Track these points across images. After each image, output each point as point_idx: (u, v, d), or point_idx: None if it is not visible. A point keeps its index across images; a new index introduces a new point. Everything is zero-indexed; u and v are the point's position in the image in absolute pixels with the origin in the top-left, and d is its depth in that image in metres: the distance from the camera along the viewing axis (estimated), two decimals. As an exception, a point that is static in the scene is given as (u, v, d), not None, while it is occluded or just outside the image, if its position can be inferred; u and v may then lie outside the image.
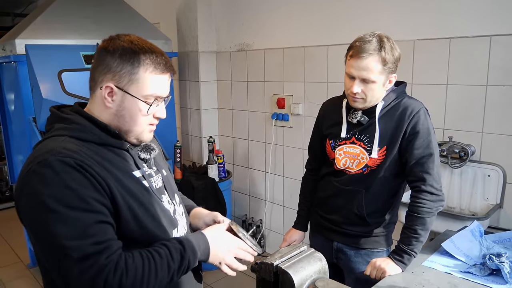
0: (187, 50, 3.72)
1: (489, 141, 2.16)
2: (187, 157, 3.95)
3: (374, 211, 1.68)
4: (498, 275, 1.49)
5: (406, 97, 1.64)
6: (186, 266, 1.04)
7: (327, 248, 1.80)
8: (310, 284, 1.05)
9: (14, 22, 6.22)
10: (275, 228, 3.54)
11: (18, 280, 3.33)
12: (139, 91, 1.03)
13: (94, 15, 3.13)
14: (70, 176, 0.92)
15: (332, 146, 1.73)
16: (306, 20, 2.96)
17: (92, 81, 1.07)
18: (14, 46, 2.73)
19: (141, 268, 0.95)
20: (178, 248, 1.03)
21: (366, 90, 1.55)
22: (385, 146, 1.61)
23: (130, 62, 1.02)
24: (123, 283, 0.92)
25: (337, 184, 1.72)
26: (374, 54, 1.49)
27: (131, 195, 1.02)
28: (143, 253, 0.99)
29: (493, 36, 2.09)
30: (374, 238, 1.71)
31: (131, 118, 1.05)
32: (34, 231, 0.94)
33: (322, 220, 1.82)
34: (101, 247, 0.92)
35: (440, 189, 1.58)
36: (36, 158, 0.95)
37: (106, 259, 0.91)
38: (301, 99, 3.09)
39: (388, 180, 1.65)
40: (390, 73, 1.55)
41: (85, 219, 0.91)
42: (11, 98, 3.21)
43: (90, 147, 1.01)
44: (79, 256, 0.89)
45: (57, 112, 1.07)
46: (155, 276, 0.97)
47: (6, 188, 5.16)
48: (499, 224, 2.15)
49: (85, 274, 0.89)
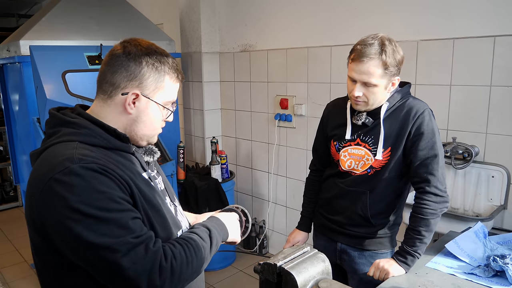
0: (190, 51, 3.72)
1: (493, 142, 2.15)
2: (190, 157, 3.96)
3: (378, 213, 1.68)
4: (502, 276, 1.48)
5: (410, 98, 1.64)
6: (215, 245, 1.13)
7: (330, 249, 1.79)
8: (314, 285, 1.05)
9: (18, 23, 6.26)
10: (278, 228, 3.54)
11: (22, 280, 3.35)
12: (162, 98, 1.08)
13: (98, 16, 3.14)
14: (98, 181, 0.92)
15: (337, 147, 1.72)
16: (309, 21, 2.96)
17: (109, 86, 1.04)
18: (18, 47, 2.74)
19: (183, 252, 1.01)
20: (205, 231, 1.12)
21: (367, 93, 1.54)
22: (390, 147, 1.61)
23: (157, 70, 1.05)
24: (174, 267, 0.97)
25: (341, 185, 1.72)
26: (375, 58, 1.48)
27: (145, 197, 1.03)
28: (180, 240, 1.05)
29: (497, 37, 2.08)
30: (378, 239, 1.70)
31: (151, 124, 1.09)
32: (71, 239, 0.92)
33: (326, 221, 1.81)
34: (144, 238, 0.95)
35: (445, 190, 1.57)
36: (55, 167, 0.93)
37: (154, 246, 0.96)
38: (304, 99, 3.09)
39: (393, 181, 1.64)
40: (392, 76, 1.54)
41: (122, 219, 0.93)
42: (15, 99, 3.22)
43: (100, 151, 1.01)
44: (127, 249, 0.92)
45: (60, 115, 1.05)
46: (196, 258, 1.04)
47: (10, 188, 5.18)
48: (503, 225, 2.14)
49: (138, 263, 0.92)
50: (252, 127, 3.58)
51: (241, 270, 3.43)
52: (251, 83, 3.50)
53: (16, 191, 5.13)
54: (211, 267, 3.37)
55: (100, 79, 1.07)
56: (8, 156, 4.56)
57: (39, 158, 1.01)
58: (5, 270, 3.54)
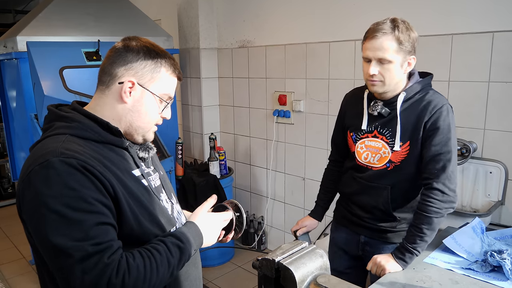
0: (188, 47, 3.71)
1: (491, 137, 2.16)
2: (189, 154, 3.95)
3: (400, 207, 1.65)
4: (499, 271, 1.49)
5: (431, 91, 1.59)
6: (185, 258, 1.06)
7: (352, 241, 1.78)
8: (312, 280, 1.05)
9: (15, 19, 6.22)
10: (277, 224, 3.55)
11: (21, 277, 3.35)
12: (157, 89, 1.09)
13: (95, 12, 3.13)
14: (72, 177, 0.92)
15: (354, 138, 1.70)
16: (307, 17, 2.95)
17: (107, 76, 1.07)
18: (15, 43, 2.73)
19: (142, 266, 0.96)
20: (175, 243, 1.04)
21: (383, 71, 1.50)
22: (409, 141, 1.57)
23: (154, 61, 1.08)
24: (126, 282, 0.92)
25: (361, 180, 1.70)
26: (388, 33, 1.46)
27: (131, 195, 1.02)
28: (143, 252, 0.99)
29: (495, 33, 2.08)
30: (401, 232, 1.66)
31: (146, 114, 1.09)
32: (36, 231, 0.94)
33: (348, 214, 1.79)
34: (103, 247, 0.92)
35: (453, 189, 1.52)
36: (37, 159, 0.94)
37: (108, 258, 0.91)
38: (302, 96, 3.09)
39: (414, 176, 1.60)
40: (407, 54, 1.51)
41: (87, 221, 0.91)
42: (12, 95, 3.21)
43: (91, 145, 1.01)
44: (81, 256, 0.89)
45: (56, 110, 1.07)
46: (156, 274, 0.98)
47: (8, 185, 5.18)
48: (501, 221, 2.15)
49: (88, 273, 0.89)
50: (250, 123, 3.57)
51: (239, 266, 3.44)
52: (250, 79, 3.49)
53: (14, 188, 5.13)
54: (209, 263, 3.38)
55: (100, 72, 1.10)
56: (6, 153, 4.55)
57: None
58: (4, 266, 3.54)
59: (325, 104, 2.94)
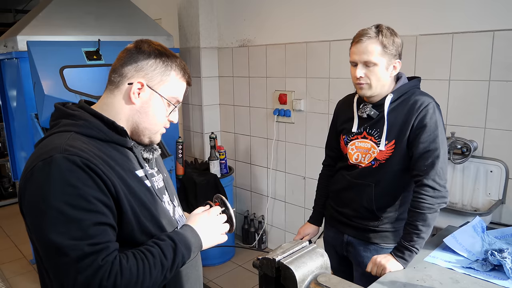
0: (188, 46, 3.71)
1: (492, 136, 2.16)
2: (189, 153, 3.95)
3: (383, 206, 1.68)
4: (500, 270, 1.49)
5: (417, 91, 1.64)
6: (179, 262, 1.04)
7: (338, 241, 1.82)
8: (312, 280, 1.05)
9: (15, 19, 6.22)
10: (277, 224, 3.55)
11: (21, 276, 3.35)
12: (166, 92, 1.11)
13: (95, 11, 3.13)
14: (74, 175, 0.92)
15: (345, 141, 1.75)
16: (308, 16, 2.95)
17: (117, 76, 1.08)
18: (16, 43, 2.73)
19: (135, 269, 0.95)
20: (170, 245, 1.03)
21: (369, 74, 1.57)
22: (394, 140, 1.61)
23: (164, 64, 1.09)
24: (117, 284, 0.92)
25: (348, 177, 1.74)
26: (372, 37, 1.54)
27: (133, 195, 1.02)
28: (137, 253, 0.98)
29: (496, 31, 2.08)
30: (383, 233, 1.70)
31: (153, 116, 1.11)
32: (34, 226, 0.94)
33: (335, 213, 1.83)
34: (99, 248, 0.91)
35: (444, 185, 1.56)
36: (41, 155, 0.95)
37: (103, 260, 0.91)
38: (303, 95, 3.08)
39: (398, 174, 1.64)
40: (392, 57, 1.57)
41: (85, 219, 0.91)
42: (13, 95, 3.21)
43: (96, 144, 1.02)
44: (77, 255, 0.89)
45: (63, 108, 1.08)
46: (149, 276, 0.97)
47: (8, 185, 5.18)
48: (501, 219, 2.15)
49: (81, 273, 0.89)
50: (251, 122, 3.57)
51: (240, 265, 3.44)
52: (250, 78, 3.49)
53: (14, 187, 5.13)
54: (210, 262, 3.38)
55: (111, 72, 1.11)
56: (6, 152, 4.55)
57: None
58: (4, 266, 3.54)
59: (325, 103, 2.94)
